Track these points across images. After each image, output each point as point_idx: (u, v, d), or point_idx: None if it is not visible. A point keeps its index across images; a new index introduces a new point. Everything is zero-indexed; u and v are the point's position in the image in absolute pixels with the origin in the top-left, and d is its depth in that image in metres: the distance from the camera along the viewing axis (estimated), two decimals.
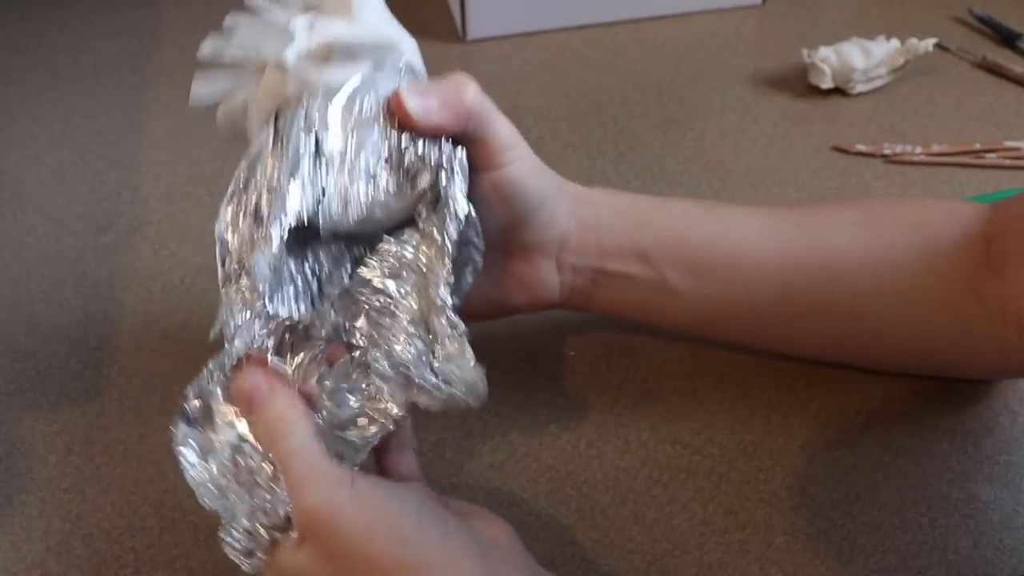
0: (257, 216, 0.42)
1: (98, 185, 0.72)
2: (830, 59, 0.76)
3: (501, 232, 0.49)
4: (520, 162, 0.47)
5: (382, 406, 0.42)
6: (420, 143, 0.44)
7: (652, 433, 0.55)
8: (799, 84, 0.78)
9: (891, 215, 0.52)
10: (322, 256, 0.46)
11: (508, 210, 0.48)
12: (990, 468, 0.52)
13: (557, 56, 0.83)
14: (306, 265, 0.45)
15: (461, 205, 0.44)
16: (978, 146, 0.72)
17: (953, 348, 0.52)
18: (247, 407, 0.42)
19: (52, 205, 0.70)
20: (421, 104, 0.43)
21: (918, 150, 0.72)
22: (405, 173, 0.44)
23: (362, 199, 0.43)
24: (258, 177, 0.43)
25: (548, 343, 0.59)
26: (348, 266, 0.46)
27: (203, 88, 0.46)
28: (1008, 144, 0.72)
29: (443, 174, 0.44)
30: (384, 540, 0.38)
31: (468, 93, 0.45)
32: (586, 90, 0.79)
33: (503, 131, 0.46)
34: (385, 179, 0.43)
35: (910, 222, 0.52)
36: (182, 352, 0.60)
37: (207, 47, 0.46)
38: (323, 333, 0.44)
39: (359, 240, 0.46)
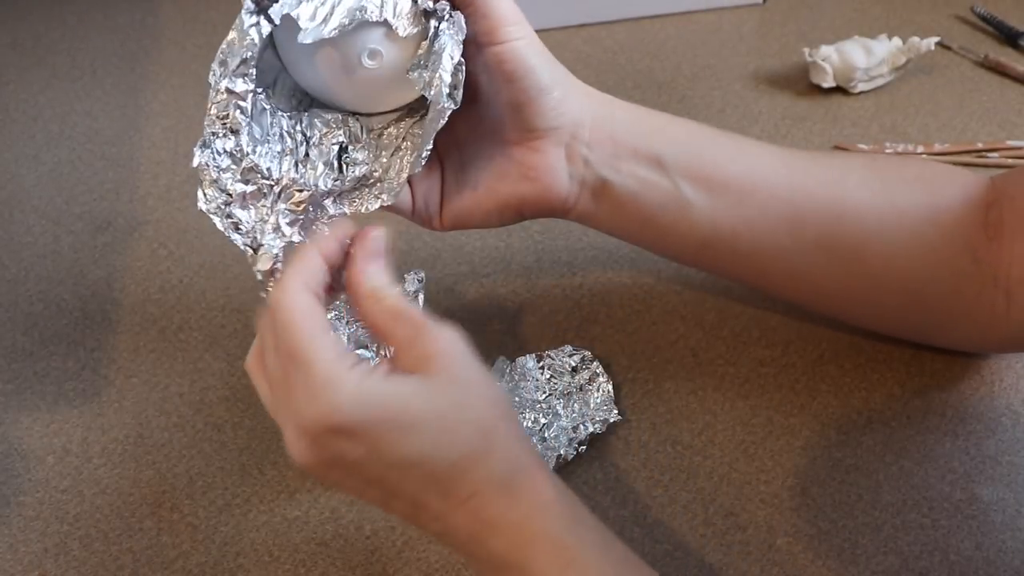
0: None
1: (96, 184, 0.72)
2: (831, 58, 0.75)
3: (508, 114, 0.48)
4: (524, 40, 0.47)
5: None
6: None
7: (653, 434, 0.54)
8: (800, 83, 0.78)
9: (897, 167, 0.53)
10: (317, 123, 0.47)
11: (514, 89, 0.47)
12: (992, 469, 0.52)
13: (557, 55, 0.82)
14: (298, 127, 0.47)
15: (452, 51, 0.44)
16: (980, 145, 0.72)
17: (945, 305, 0.52)
18: (277, 285, 0.41)
19: (50, 205, 0.70)
20: None
21: (920, 149, 0.71)
22: (395, 14, 0.44)
23: (344, 23, 0.43)
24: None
25: (549, 343, 0.59)
26: (341, 136, 0.48)
27: None
28: (1011, 143, 0.72)
29: (435, 21, 0.44)
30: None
31: None
32: None
33: (507, 5, 0.46)
34: (373, 12, 0.43)
35: (914, 175, 0.52)
36: (180, 353, 0.60)
37: None
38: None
39: (364, 118, 0.48)
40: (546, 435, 0.53)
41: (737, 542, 0.49)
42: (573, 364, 0.56)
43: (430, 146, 0.45)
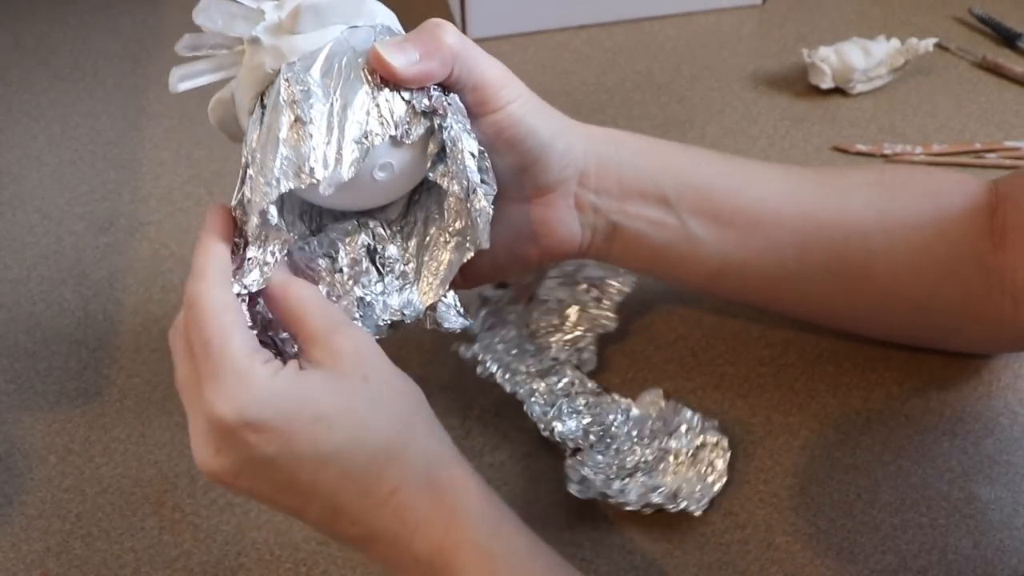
0: (246, 210, 0.41)
1: (98, 185, 0.72)
2: (830, 59, 0.76)
3: (515, 177, 0.47)
4: (519, 100, 0.45)
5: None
6: (408, 94, 0.42)
7: None
8: (799, 84, 0.78)
9: (904, 181, 0.53)
10: (335, 239, 0.46)
11: (517, 152, 0.46)
12: (990, 468, 0.52)
13: (557, 56, 0.83)
14: (319, 250, 0.46)
15: (468, 144, 0.43)
16: (978, 146, 0.72)
17: (953, 313, 0.52)
18: (192, 278, 0.40)
19: (52, 205, 0.70)
20: (402, 57, 0.41)
21: (918, 150, 0.72)
22: (396, 125, 0.42)
23: (356, 156, 0.41)
24: (246, 161, 0.42)
25: None
26: (365, 239, 0.47)
27: (181, 76, 0.44)
28: (1008, 144, 0.72)
29: (437, 119, 0.43)
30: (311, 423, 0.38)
31: (448, 36, 0.43)
32: (586, 90, 0.79)
33: (493, 70, 0.45)
34: (378, 135, 0.41)
35: (922, 189, 0.52)
36: None
37: (184, 42, 0.44)
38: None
39: (378, 212, 0.47)
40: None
41: (736, 541, 0.50)
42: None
43: (486, 236, 0.45)
